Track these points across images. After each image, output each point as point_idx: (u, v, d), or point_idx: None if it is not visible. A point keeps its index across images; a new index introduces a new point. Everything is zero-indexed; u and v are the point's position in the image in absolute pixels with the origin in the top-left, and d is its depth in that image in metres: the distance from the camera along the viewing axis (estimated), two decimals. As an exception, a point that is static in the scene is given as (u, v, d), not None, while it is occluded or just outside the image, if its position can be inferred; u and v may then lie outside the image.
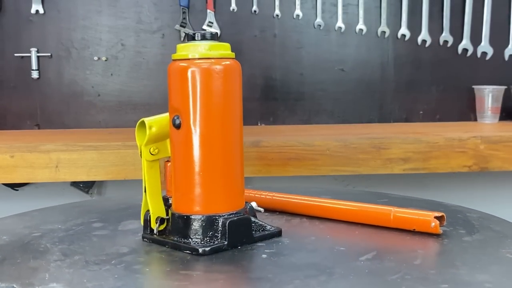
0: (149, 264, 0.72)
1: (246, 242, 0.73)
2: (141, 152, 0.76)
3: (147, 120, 0.76)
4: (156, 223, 0.75)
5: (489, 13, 2.03)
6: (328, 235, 0.81)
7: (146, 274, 0.69)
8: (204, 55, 0.72)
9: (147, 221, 0.76)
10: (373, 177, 1.80)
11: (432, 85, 2.06)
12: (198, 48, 0.72)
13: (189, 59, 0.72)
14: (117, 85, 1.98)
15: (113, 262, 0.69)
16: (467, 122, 2.05)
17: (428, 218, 0.77)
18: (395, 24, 2.03)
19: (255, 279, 0.66)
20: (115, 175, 1.57)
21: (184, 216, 0.72)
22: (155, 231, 0.75)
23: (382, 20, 2.02)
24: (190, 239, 0.72)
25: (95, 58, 1.96)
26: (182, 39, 1.97)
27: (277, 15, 1.99)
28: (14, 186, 1.94)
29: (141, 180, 0.77)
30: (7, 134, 1.87)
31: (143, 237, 0.77)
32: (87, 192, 1.98)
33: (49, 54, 1.95)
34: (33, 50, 1.93)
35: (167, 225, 0.76)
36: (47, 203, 1.01)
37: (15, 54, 1.94)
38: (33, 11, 1.92)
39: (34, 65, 1.93)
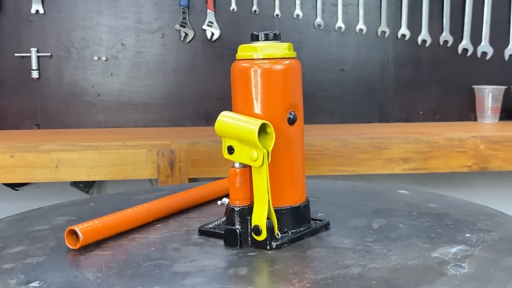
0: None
1: None
2: (263, 158, 0.70)
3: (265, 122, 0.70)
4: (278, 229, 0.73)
5: (489, 13, 2.03)
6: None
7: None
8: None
9: (269, 229, 0.72)
10: (373, 177, 1.80)
11: (432, 85, 2.06)
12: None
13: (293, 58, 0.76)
14: (117, 85, 1.98)
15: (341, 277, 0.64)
16: (467, 122, 2.05)
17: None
18: (395, 24, 2.03)
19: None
20: (115, 175, 1.57)
21: (306, 204, 0.78)
22: (279, 235, 0.73)
23: (382, 20, 2.02)
24: (313, 221, 0.80)
25: (95, 58, 1.96)
26: (182, 39, 1.97)
27: (277, 15, 1.99)
28: (14, 186, 1.94)
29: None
30: (7, 134, 1.87)
31: (274, 247, 0.72)
32: (87, 192, 1.98)
33: (49, 54, 1.95)
34: (33, 50, 1.93)
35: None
36: (47, 203, 1.01)
37: (15, 54, 1.94)
38: (33, 11, 1.92)
39: (34, 65, 1.93)
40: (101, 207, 0.96)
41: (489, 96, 1.98)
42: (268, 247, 0.71)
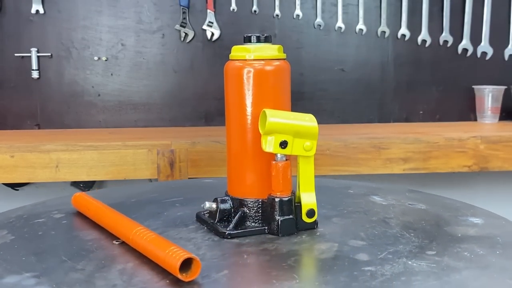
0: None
1: None
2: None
3: None
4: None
5: (489, 13, 2.03)
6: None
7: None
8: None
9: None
10: (373, 177, 1.80)
11: (432, 85, 2.06)
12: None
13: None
14: (117, 85, 1.98)
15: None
16: (467, 122, 2.06)
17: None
18: (395, 24, 2.03)
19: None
20: (115, 175, 1.57)
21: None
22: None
23: (382, 20, 2.02)
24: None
25: (95, 58, 1.97)
26: (182, 39, 1.97)
27: (277, 15, 1.99)
28: (14, 186, 1.94)
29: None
30: (7, 134, 1.87)
31: (318, 226, 0.80)
32: (87, 192, 1.98)
33: (49, 54, 1.95)
34: (33, 50, 1.93)
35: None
36: (47, 203, 1.01)
37: (15, 54, 1.94)
38: (33, 11, 1.92)
39: (34, 65, 1.93)
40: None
41: (489, 96, 1.98)
42: (316, 226, 0.78)
